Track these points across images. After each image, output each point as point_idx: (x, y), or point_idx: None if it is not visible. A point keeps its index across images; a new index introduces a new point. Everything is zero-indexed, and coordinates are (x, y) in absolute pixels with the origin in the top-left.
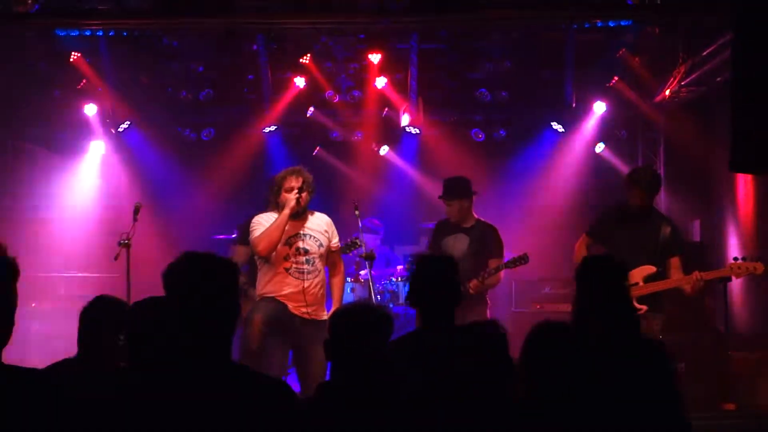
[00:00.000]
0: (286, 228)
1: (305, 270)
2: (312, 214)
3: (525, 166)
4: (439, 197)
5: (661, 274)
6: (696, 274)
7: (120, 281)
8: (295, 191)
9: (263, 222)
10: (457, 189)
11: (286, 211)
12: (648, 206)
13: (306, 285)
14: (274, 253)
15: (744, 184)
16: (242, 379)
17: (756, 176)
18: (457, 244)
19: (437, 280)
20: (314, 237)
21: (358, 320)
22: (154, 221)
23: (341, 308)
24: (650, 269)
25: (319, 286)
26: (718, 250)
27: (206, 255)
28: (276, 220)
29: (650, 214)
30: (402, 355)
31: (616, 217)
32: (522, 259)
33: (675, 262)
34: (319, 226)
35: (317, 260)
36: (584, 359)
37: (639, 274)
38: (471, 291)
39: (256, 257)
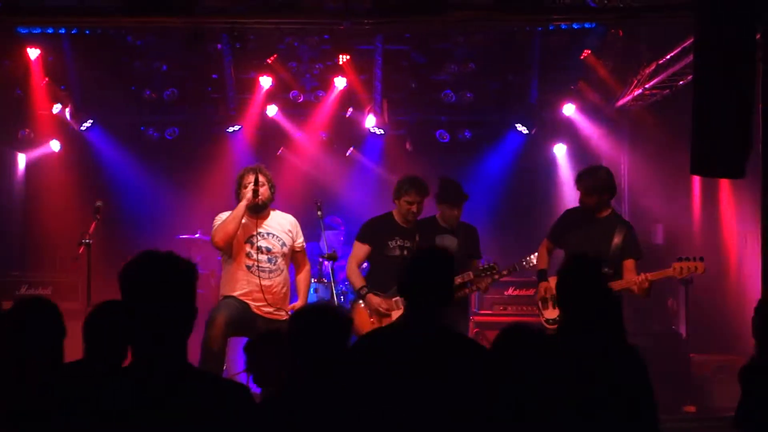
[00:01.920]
0: (248, 224)
1: (267, 269)
2: (276, 213)
3: (490, 168)
4: (444, 201)
5: (612, 276)
6: (642, 275)
7: (81, 281)
8: (251, 184)
9: (224, 218)
10: (463, 194)
11: (243, 203)
12: (602, 207)
13: (268, 284)
14: (236, 251)
15: (705, 187)
16: (199, 383)
17: (716, 179)
18: (447, 245)
19: (432, 274)
20: (276, 236)
21: (316, 321)
22: (117, 221)
23: (300, 309)
24: None
25: (281, 285)
26: (680, 253)
27: (164, 254)
28: (232, 212)
29: (606, 217)
30: (374, 347)
31: (573, 220)
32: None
33: (628, 264)
34: (281, 225)
35: (279, 259)
36: (558, 364)
37: None
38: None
39: (220, 256)
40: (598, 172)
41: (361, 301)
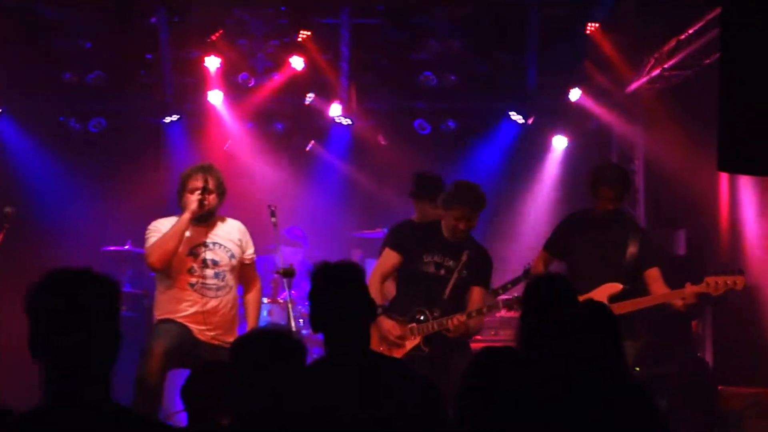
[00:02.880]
0: (190, 235)
1: (213, 286)
2: (222, 220)
3: (478, 164)
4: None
5: (630, 293)
6: (688, 288)
7: None
8: (198, 192)
9: (161, 228)
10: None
11: (186, 215)
12: (616, 211)
13: (214, 303)
14: (176, 267)
15: (735, 187)
16: (122, 425)
17: (747, 176)
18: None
19: (345, 290)
20: (224, 246)
21: (262, 349)
22: (29, 230)
23: (243, 336)
24: (615, 287)
25: (230, 306)
26: (706, 265)
27: (77, 271)
28: (173, 226)
29: (617, 222)
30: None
31: (578, 227)
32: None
33: (653, 273)
34: (229, 234)
35: (228, 274)
36: (538, 392)
37: (601, 293)
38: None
39: (153, 272)
40: (616, 167)
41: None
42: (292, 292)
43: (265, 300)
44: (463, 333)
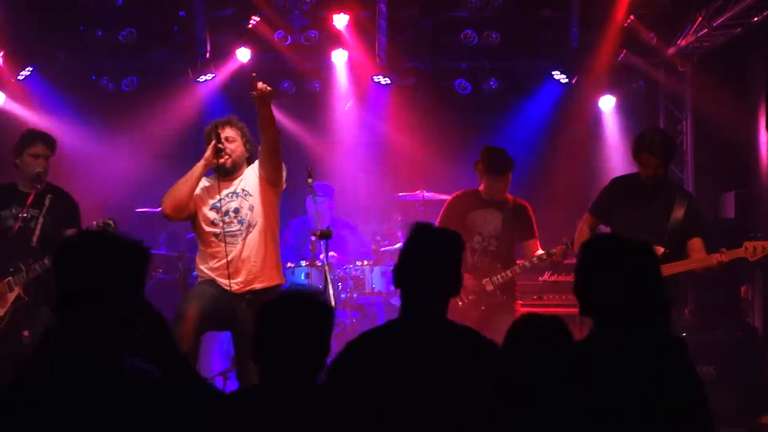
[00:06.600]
0: (213, 188)
1: (238, 232)
2: (251, 168)
3: (520, 125)
4: (487, 170)
5: (671, 256)
6: (716, 256)
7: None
8: (214, 140)
9: None
10: (510, 162)
11: (201, 163)
12: (661, 178)
13: (241, 249)
14: (200, 221)
15: None
16: (138, 383)
17: None
18: (489, 221)
19: (432, 256)
20: (247, 192)
21: (284, 314)
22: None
23: (267, 302)
24: (657, 251)
25: (257, 244)
26: (757, 228)
27: (107, 236)
28: (187, 173)
29: (663, 187)
30: (369, 352)
31: (622, 191)
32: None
33: (695, 244)
34: (250, 176)
35: (249, 213)
36: (579, 362)
37: None
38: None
39: (168, 220)
40: (661, 133)
41: None
42: (332, 254)
43: (303, 263)
44: None
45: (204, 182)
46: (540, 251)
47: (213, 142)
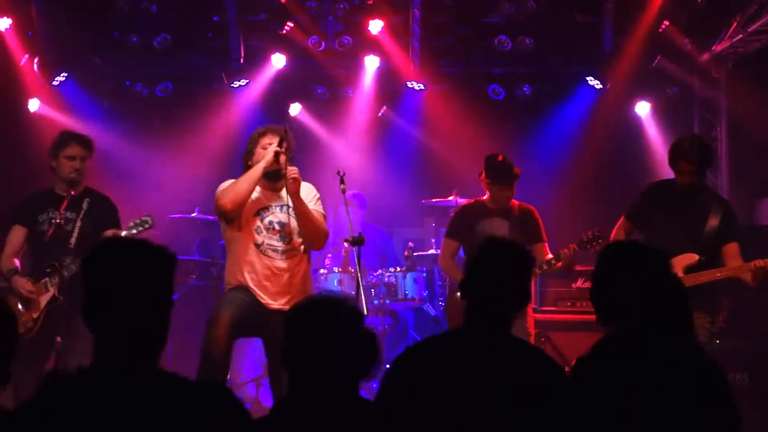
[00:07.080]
0: (259, 195)
1: (279, 248)
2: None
3: (554, 131)
4: (494, 181)
5: (706, 264)
6: (756, 262)
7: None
8: (273, 146)
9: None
10: (513, 172)
11: (262, 164)
12: (697, 184)
13: (281, 265)
14: (243, 224)
15: None
16: (171, 390)
17: None
18: (496, 230)
19: (502, 271)
20: (291, 207)
21: (311, 320)
22: None
23: (295, 307)
24: (691, 258)
25: (298, 272)
26: None
27: (135, 242)
28: (247, 173)
29: (700, 194)
30: (430, 358)
31: (660, 198)
32: (596, 239)
33: (730, 249)
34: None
35: (294, 237)
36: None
37: (679, 263)
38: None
39: (223, 232)
40: (698, 140)
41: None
42: (363, 261)
43: (335, 269)
44: None
45: None
46: (549, 256)
47: (273, 147)
